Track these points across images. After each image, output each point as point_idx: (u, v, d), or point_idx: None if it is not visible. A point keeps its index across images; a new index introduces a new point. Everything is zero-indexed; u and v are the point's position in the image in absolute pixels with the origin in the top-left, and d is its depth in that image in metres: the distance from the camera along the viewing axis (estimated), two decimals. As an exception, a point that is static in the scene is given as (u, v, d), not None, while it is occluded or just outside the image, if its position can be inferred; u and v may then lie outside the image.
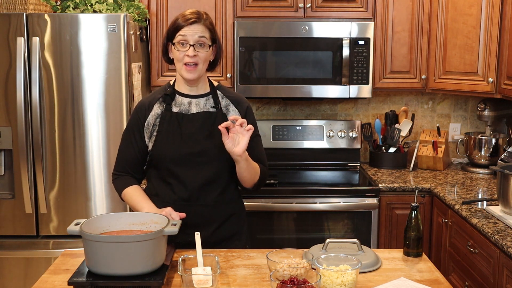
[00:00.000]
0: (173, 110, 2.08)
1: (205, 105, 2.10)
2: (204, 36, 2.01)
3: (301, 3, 3.26)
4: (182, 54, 2.01)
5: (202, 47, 2.01)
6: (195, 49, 2.00)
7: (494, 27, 2.96)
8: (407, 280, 1.75)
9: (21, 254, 2.92)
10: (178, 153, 2.04)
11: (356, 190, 3.08)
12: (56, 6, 3.01)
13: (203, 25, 2.01)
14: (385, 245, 3.09)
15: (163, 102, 2.09)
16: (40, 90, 2.80)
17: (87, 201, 2.91)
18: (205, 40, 2.01)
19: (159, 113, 2.08)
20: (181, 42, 2.00)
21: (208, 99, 2.11)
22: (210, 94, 2.12)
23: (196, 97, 2.10)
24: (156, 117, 2.08)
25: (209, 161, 2.05)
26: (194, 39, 1.99)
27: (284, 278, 1.58)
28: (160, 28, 3.28)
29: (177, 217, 1.92)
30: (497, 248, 2.24)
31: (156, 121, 2.07)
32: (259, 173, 2.10)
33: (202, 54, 2.01)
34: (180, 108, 2.09)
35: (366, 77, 3.25)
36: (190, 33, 1.99)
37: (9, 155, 2.87)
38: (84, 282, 1.62)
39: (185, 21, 2.00)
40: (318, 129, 3.58)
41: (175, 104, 2.09)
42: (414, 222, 1.94)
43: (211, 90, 2.13)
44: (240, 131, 1.92)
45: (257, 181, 2.11)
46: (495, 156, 3.34)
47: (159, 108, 2.09)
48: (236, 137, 1.92)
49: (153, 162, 2.10)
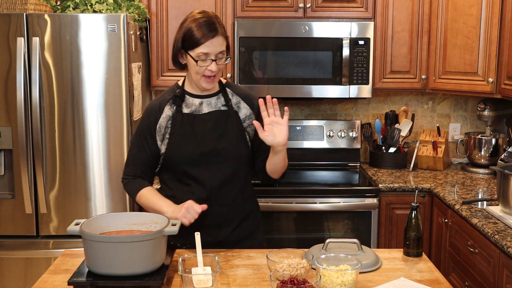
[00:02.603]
0: (184, 111, 2.06)
1: (216, 104, 2.08)
2: (223, 49, 1.98)
3: (301, 3, 3.26)
4: (203, 68, 1.97)
5: (221, 60, 1.99)
6: (216, 63, 1.97)
7: (494, 27, 2.96)
8: (407, 280, 1.75)
9: (21, 254, 2.92)
10: (193, 154, 2.02)
11: (356, 190, 3.08)
12: (56, 6, 3.01)
13: (221, 36, 1.97)
14: (385, 245, 3.09)
15: (174, 104, 2.06)
16: (40, 90, 2.80)
17: (87, 201, 2.91)
18: (223, 53, 1.99)
19: (170, 115, 2.05)
20: (201, 59, 1.96)
21: (219, 98, 2.09)
22: (220, 93, 2.10)
23: (206, 97, 2.08)
24: (167, 119, 2.05)
25: (225, 160, 2.03)
26: (215, 54, 1.96)
27: (284, 278, 1.58)
28: (160, 28, 3.27)
29: (199, 209, 1.89)
30: (497, 248, 2.24)
31: (168, 123, 2.05)
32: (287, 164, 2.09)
33: (221, 66, 2.00)
34: (191, 108, 2.06)
35: (366, 77, 3.25)
36: (211, 49, 1.94)
37: (9, 155, 2.87)
38: (84, 282, 1.62)
39: (203, 36, 1.93)
40: (318, 129, 3.57)
41: (186, 105, 2.07)
42: (414, 222, 1.94)
43: (220, 88, 2.11)
44: (276, 120, 1.88)
45: (284, 171, 2.10)
46: (495, 156, 3.34)
47: (170, 110, 2.06)
48: (274, 128, 1.89)
49: (167, 165, 2.07)
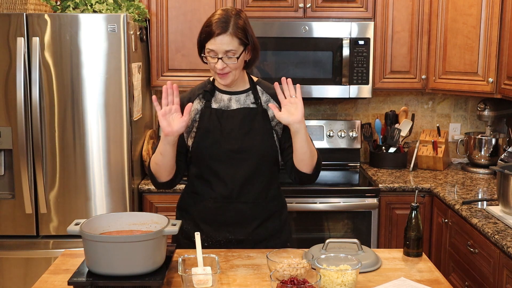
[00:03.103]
0: (212, 106, 2.05)
1: (245, 101, 2.07)
2: (232, 49, 1.92)
3: (301, 3, 3.26)
4: (212, 65, 1.96)
5: (230, 59, 1.94)
6: (223, 61, 1.94)
7: (494, 27, 2.96)
8: (407, 280, 1.75)
9: (21, 254, 2.92)
10: (218, 149, 2.01)
11: (356, 190, 3.08)
12: (56, 6, 3.01)
13: (230, 35, 1.91)
14: (385, 245, 3.09)
15: (203, 99, 2.07)
16: (40, 90, 2.80)
17: (87, 201, 2.91)
18: (232, 52, 1.92)
19: (198, 109, 2.06)
20: (211, 55, 1.95)
21: (248, 95, 2.08)
22: (250, 90, 2.09)
23: (236, 94, 2.07)
24: (195, 113, 2.05)
25: (249, 158, 2.02)
26: (221, 52, 1.93)
27: (284, 278, 1.58)
28: (160, 28, 3.27)
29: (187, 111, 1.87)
30: (497, 248, 2.24)
31: (196, 117, 2.05)
32: (317, 155, 2.00)
33: (231, 65, 1.95)
34: (220, 104, 2.06)
35: (366, 77, 3.25)
36: (216, 47, 1.92)
37: (9, 155, 2.87)
38: (84, 282, 1.62)
39: (210, 32, 1.91)
40: (318, 129, 3.57)
41: (215, 100, 2.07)
42: (414, 222, 1.94)
43: (250, 86, 2.09)
44: (292, 100, 1.87)
45: (316, 163, 2.00)
46: (495, 156, 3.34)
47: (198, 104, 2.06)
48: (290, 107, 1.87)
49: (193, 159, 2.07)
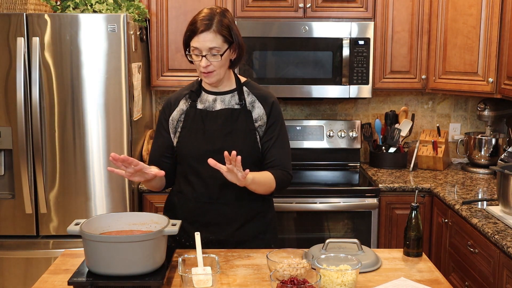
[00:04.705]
0: (198, 106, 2.08)
1: (229, 102, 2.07)
2: (215, 46, 1.93)
3: (301, 3, 3.26)
4: (197, 63, 1.98)
5: (214, 57, 1.95)
6: (207, 59, 1.95)
7: (494, 27, 2.96)
8: (407, 280, 1.75)
9: (21, 254, 2.92)
10: (199, 150, 2.02)
11: (356, 190, 3.08)
12: (56, 6, 3.01)
13: (213, 32, 1.92)
14: (385, 245, 3.09)
15: (189, 99, 2.09)
16: (40, 90, 2.80)
17: (87, 201, 2.91)
18: (217, 50, 1.94)
19: (184, 109, 2.08)
20: (195, 53, 1.96)
21: (233, 96, 2.08)
22: (236, 91, 2.09)
23: (221, 94, 2.09)
24: (181, 113, 2.08)
25: None
26: (205, 49, 1.94)
27: (284, 278, 1.58)
28: (160, 28, 3.27)
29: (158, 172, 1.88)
30: (497, 248, 2.24)
31: (181, 117, 2.08)
32: (274, 183, 2.01)
33: (215, 62, 1.96)
34: (205, 104, 2.08)
35: (366, 77, 3.25)
36: (200, 44, 1.93)
37: (9, 155, 2.87)
38: (84, 282, 1.62)
39: (194, 30, 1.93)
40: (318, 129, 3.57)
41: (201, 100, 2.09)
42: (414, 222, 1.94)
43: (237, 86, 2.10)
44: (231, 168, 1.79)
45: (274, 190, 2.03)
46: (495, 156, 3.34)
47: (184, 104, 2.09)
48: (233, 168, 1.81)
49: (178, 159, 2.10)
